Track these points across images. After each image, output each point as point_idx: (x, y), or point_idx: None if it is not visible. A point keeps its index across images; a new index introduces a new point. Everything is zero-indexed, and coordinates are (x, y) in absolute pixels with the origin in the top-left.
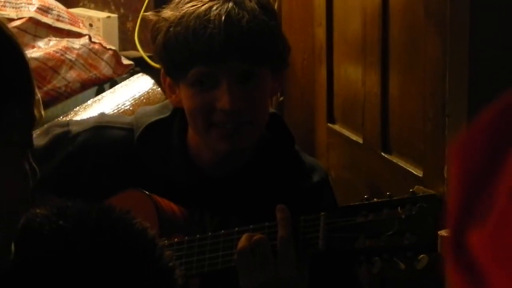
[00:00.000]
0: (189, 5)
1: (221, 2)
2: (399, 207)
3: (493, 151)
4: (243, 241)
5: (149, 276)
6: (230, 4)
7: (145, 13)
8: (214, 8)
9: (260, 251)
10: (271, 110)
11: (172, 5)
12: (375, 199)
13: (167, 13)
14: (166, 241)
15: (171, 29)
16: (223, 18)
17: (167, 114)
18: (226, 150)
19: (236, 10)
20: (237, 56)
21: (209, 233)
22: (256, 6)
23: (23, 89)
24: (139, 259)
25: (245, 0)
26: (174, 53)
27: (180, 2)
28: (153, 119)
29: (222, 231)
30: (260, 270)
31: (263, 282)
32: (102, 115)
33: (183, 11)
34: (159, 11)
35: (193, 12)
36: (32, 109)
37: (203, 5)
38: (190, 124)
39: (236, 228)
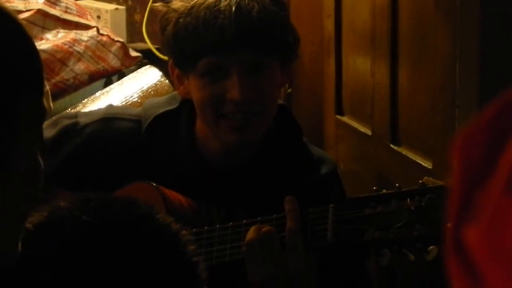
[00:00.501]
0: None
1: None
2: (408, 199)
3: (491, 148)
4: (251, 233)
5: (173, 270)
6: None
7: (154, 4)
8: None
9: (269, 243)
10: (279, 102)
11: None
12: (384, 191)
13: (176, 4)
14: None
15: (180, 19)
16: (233, 8)
17: (175, 106)
18: (235, 142)
19: (246, 0)
20: (247, 47)
21: (217, 225)
22: None
23: (34, 81)
24: (163, 253)
25: None
26: (184, 44)
27: None
28: (161, 110)
29: (230, 223)
30: (268, 262)
31: (271, 274)
32: (110, 107)
33: (193, 1)
34: (168, 2)
35: (203, 3)
36: (43, 101)
37: None
38: (199, 116)
39: (244, 220)
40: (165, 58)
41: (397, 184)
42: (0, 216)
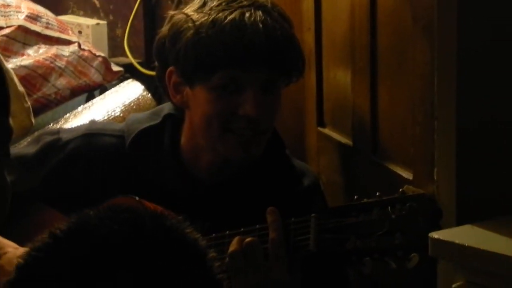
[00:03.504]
0: (217, 9)
1: (252, 9)
2: (389, 207)
3: None
4: (234, 244)
5: (199, 286)
6: (260, 12)
7: (170, 12)
8: (247, 15)
9: (252, 254)
10: None
11: (193, 8)
12: (365, 200)
13: (193, 15)
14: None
15: (201, 30)
16: (260, 25)
17: (158, 121)
18: (240, 157)
19: (268, 19)
20: (270, 64)
21: None
22: (279, 17)
23: (0, 102)
24: (191, 269)
25: (269, 9)
26: (204, 53)
27: (204, 5)
28: (144, 125)
29: (213, 234)
30: (251, 272)
31: (255, 285)
32: (92, 122)
33: (212, 16)
34: (182, 9)
35: (226, 17)
36: (9, 121)
37: (234, 10)
38: (200, 128)
39: (227, 231)
40: (148, 72)
41: (377, 193)
42: None
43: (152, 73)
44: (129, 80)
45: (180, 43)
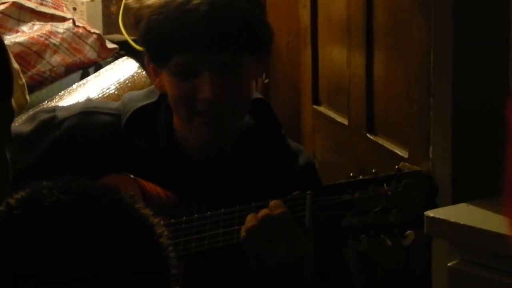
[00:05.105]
0: None
1: None
2: (385, 184)
3: None
4: (262, 215)
5: (142, 263)
6: None
7: (127, 2)
8: None
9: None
10: (258, 95)
11: None
12: (360, 177)
13: None
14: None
15: (153, 16)
16: (205, 8)
17: (154, 99)
18: (208, 137)
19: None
20: (219, 46)
21: (195, 215)
22: None
23: (2, 83)
24: (134, 244)
25: None
26: (156, 41)
27: None
28: (140, 104)
29: (209, 213)
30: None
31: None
32: (88, 100)
33: None
34: None
35: (174, 1)
36: (11, 102)
37: None
38: (174, 111)
39: (223, 210)
40: (142, 49)
41: (373, 170)
42: None
43: None
44: (124, 58)
45: (140, 30)
